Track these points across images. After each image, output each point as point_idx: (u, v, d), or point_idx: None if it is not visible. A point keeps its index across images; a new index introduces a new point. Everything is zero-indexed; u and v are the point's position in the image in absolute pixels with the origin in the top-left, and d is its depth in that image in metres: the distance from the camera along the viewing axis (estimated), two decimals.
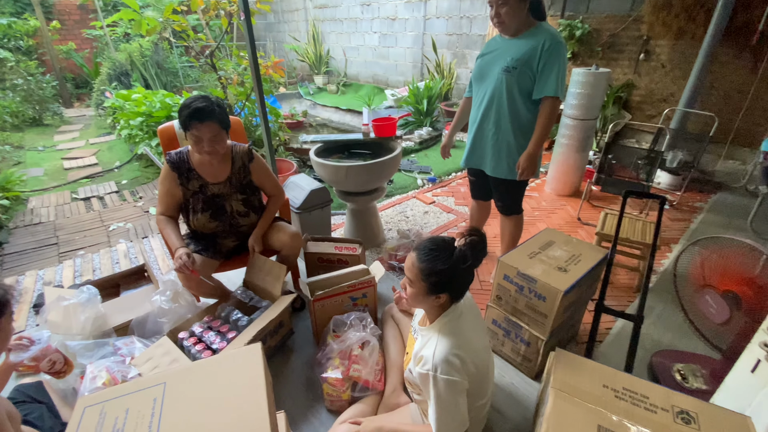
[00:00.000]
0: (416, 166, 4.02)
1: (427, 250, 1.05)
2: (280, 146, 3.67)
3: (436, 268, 1.02)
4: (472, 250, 1.03)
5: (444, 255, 1.02)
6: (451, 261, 1.01)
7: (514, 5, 1.65)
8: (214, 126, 1.51)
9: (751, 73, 3.31)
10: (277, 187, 1.82)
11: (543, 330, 1.56)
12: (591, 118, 3.00)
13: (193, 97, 1.53)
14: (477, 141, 1.98)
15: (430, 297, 1.06)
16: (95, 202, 3.55)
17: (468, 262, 1.01)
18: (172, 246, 1.61)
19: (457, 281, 1.04)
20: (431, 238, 1.09)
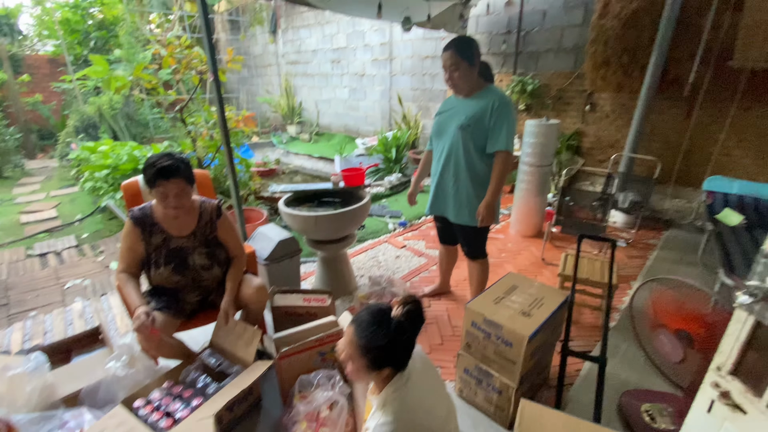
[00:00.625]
0: (387, 210, 4.10)
1: (364, 325, 1.02)
2: (251, 195, 3.68)
3: (374, 344, 0.99)
4: (410, 320, 1.01)
5: (382, 329, 1.00)
6: (390, 335, 0.99)
7: (465, 70, 1.82)
8: (180, 182, 1.55)
9: (685, 120, 3.68)
10: (241, 248, 1.83)
11: (513, 377, 1.56)
12: (546, 165, 3.21)
13: (158, 156, 1.56)
14: (439, 190, 2.09)
15: (372, 372, 1.04)
16: (51, 258, 3.38)
17: (406, 334, 1.00)
18: (132, 304, 1.55)
19: (397, 354, 1.03)
20: (369, 309, 1.06)
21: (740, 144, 3.48)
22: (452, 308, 2.48)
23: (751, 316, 0.91)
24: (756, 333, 0.93)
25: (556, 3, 4.15)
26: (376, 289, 2.46)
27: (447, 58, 1.83)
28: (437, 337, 2.24)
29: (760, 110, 3.31)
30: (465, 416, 1.71)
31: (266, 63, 8.88)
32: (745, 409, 0.95)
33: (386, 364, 1.03)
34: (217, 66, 2.04)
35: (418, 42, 5.60)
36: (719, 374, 1.02)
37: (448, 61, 1.83)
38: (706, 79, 3.34)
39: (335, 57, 7.08)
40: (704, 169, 3.66)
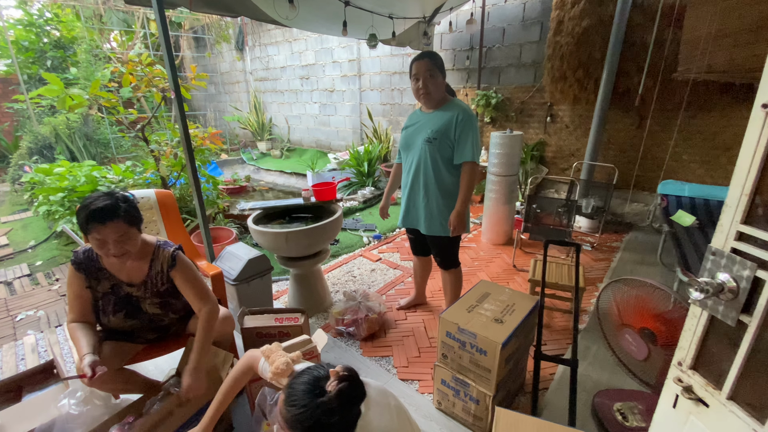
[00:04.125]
0: (361, 224, 4.09)
1: (290, 397, 0.90)
2: (219, 214, 3.58)
3: (299, 423, 0.87)
4: (341, 399, 0.88)
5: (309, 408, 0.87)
6: (316, 415, 0.86)
7: (439, 79, 1.87)
8: (120, 225, 1.32)
9: (638, 129, 3.92)
10: (204, 298, 1.51)
11: (489, 385, 1.57)
12: (512, 174, 3.31)
13: (93, 196, 1.34)
14: (410, 203, 2.11)
15: None
16: (1, 289, 3.14)
17: (335, 417, 0.87)
18: (79, 354, 1.37)
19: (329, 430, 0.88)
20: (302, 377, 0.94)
21: (688, 150, 3.73)
22: (428, 319, 2.48)
23: (705, 311, 0.96)
24: (711, 327, 0.98)
25: (515, 21, 4.36)
26: (352, 305, 2.43)
27: (422, 66, 1.85)
28: (414, 349, 2.23)
29: (704, 118, 3.57)
30: (444, 428, 1.69)
31: (234, 80, 8.79)
32: (707, 402, 0.98)
33: None
34: (180, 83, 2.00)
35: (385, 58, 5.72)
36: (681, 369, 1.06)
37: (424, 69, 1.85)
38: (655, 90, 3.58)
39: (304, 73, 7.11)
40: (658, 174, 3.89)
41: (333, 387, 0.89)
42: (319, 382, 0.91)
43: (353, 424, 0.92)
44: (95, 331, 1.51)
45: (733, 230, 0.88)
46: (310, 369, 0.95)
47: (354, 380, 0.91)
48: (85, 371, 1.29)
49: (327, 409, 0.86)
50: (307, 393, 0.89)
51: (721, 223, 0.91)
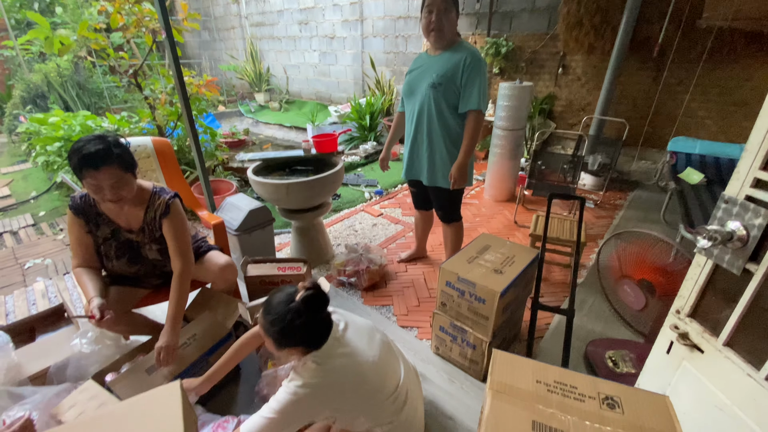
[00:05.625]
0: (363, 179, 4.05)
1: (267, 308, 1.07)
2: (218, 166, 3.52)
3: (273, 326, 1.04)
4: (307, 304, 1.04)
5: (282, 313, 1.04)
6: (287, 318, 1.03)
7: (453, 15, 1.74)
8: (114, 171, 1.28)
9: (654, 83, 3.74)
10: (183, 255, 1.48)
11: (486, 332, 1.61)
12: (519, 128, 3.21)
13: (86, 139, 1.28)
14: (413, 153, 2.05)
15: (282, 351, 1.08)
16: (8, 238, 3.17)
17: (302, 318, 1.03)
18: (86, 297, 1.40)
19: (300, 335, 1.05)
20: (276, 292, 1.10)
21: (704, 105, 3.58)
22: (428, 272, 2.52)
23: (710, 260, 0.95)
24: (714, 276, 0.97)
25: None
26: (353, 257, 2.45)
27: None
28: (414, 299, 2.28)
29: (724, 70, 3.39)
30: (442, 372, 1.76)
31: (229, 26, 8.32)
32: (702, 348, 1.00)
33: (288, 344, 1.06)
34: (171, 25, 1.87)
35: (389, 1, 5.36)
36: (678, 317, 1.07)
37: (439, 2, 1.70)
38: (675, 39, 3.37)
39: (303, 18, 6.71)
40: (669, 130, 3.76)
41: (300, 295, 1.05)
42: (290, 295, 1.07)
43: (323, 332, 1.09)
44: (101, 276, 1.53)
45: (750, 177, 0.84)
46: (283, 287, 1.12)
47: (317, 289, 1.07)
48: (94, 313, 1.31)
49: (295, 312, 1.03)
50: (280, 302, 1.05)
51: (738, 170, 0.88)
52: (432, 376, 1.74)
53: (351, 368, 1.10)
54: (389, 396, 1.17)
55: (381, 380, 1.16)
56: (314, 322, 1.07)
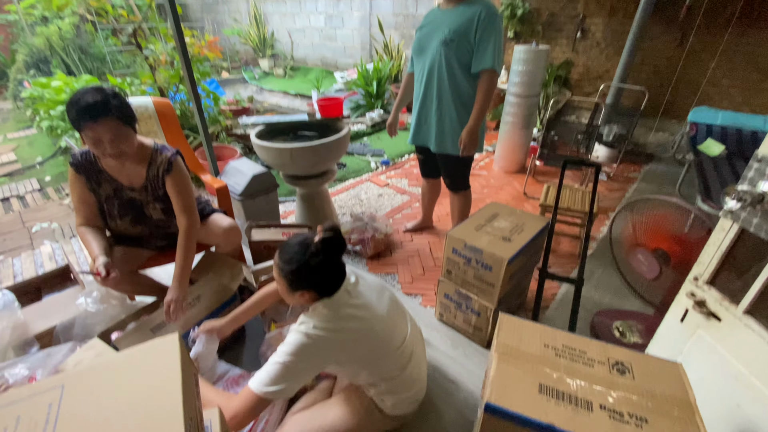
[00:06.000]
0: (369, 149, 3.96)
1: (284, 249, 1.07)
2: (222, 132, 3.46)
3: (289, 265, 1.03)
4: (325, 245, 1.03)
5: (298, 253, 1.03)
6: (303, 259, 1.02)
7: None
8: (113, 123, 1.24)
9: (678, 48, 3.54)
10: (187, 211, 1.46)
11: (491, 299, 1.59)
12: (533, 95, 3.08)
13: (83, 90, 1.23)
14: (421, 117, 1.96)
15: (294, 294, 1.07)
16: (15, 203, 3.19)
17: (319, 258, 1.02)
18: (91, 256, 1.40)
19: (315, 277, 1.04)
20: (295, 237, 1.09)
21: (729, 73, 3.39)
22: (434, 242, 2.48)
23: (736, 224, 0.89)
24: (738, 242, 0.92)
25: None
26: (359, 225, 2.42)
27: None
28: (419, 268, 2.25)
29: (753, 35, 3.18)
30: (445, 338, 1.76)
31: None
32: (719, 316, 0.96)
33: (302, 286, 1.05)
34: None
35: None
36: (696, 284, 1.03)
37: None
38: (704, 0, 3.15)
39: None
40: (691, 100, 3.59)
41: (319, 236, 1.03)
42: (308, 237, 1.06)
43: (336, 278, 1.08)
44: (105, 235, 1.51)
45: None
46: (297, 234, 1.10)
47: (336, 231, 1.05)
48: (99, 270, 1.31)
49: (312, 252, 1.02)
50: (298, 243, 1.05)
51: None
52: (436, 342, 1.73)
53: (361, 318, 1.10)
54: (395, 350, 1.17)
55: (389, 334, 1.16)
56: (330, 266, 1.05)
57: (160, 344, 0.72)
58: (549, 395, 0.87)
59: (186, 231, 1.45)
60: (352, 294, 1.12)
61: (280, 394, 1.00)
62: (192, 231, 1.46)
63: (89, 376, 0.66)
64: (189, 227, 1.45)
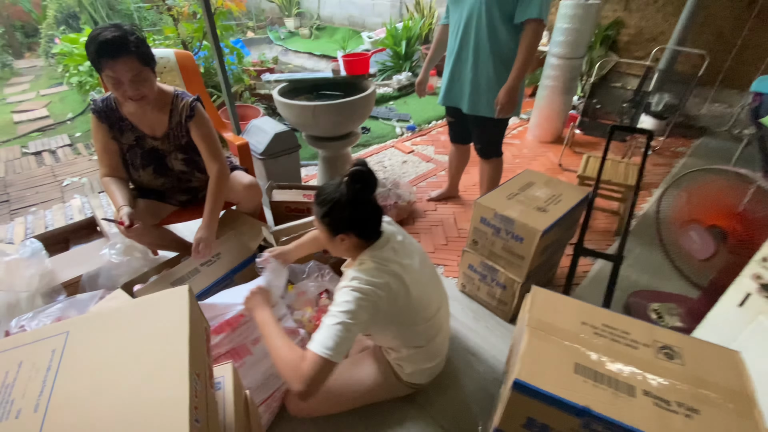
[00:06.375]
0: (395, 114, 3.81)
1: (318, 192, 1.05)
2: (245, 92, 3.38)
3: (323, 206, 1.02)
4: (354, 178, 1.01)
5: (331, 192, 1.02)
6: (336, 196, 1.00)
7: None
8: (133, 62, 1.21)
9: (747, 8, 3.14)
10: (215, 156, 1.44)
11: (519, 272, 1.50)
12: (578, 57, 2.82)
13: (101, 27, 1.19)
14: (454, 75, 1.81)
15: (335, 240, 1.05)
16: (47, 157, 3.27)
17: (350, 193, 1.00)
18: (115, 206, 1.40)
19: (350, 219, 1.02)
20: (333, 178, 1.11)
21: None
22: (459, 212, 2.38)
23: None
24: None
25: None
26: (381, 191, 2.33)
27: None
28: (442, 238, 2.17)
29: None
30: (467, 310, 1.69)
31: None
32: None
33: (342, 228, 1.03)
34: None
35: None
36: (764, 265, 0.90)
37: None
38: None
39: None
40: (756, 67, 3.22)
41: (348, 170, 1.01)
42: (339, 179, 1.03)
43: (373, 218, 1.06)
44: (128, 187, 1.51)
45: None
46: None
47: (365, 165, 1.02)
48: (123, 220, 1.31)
49: (344, 188, 1.00)
50: (330, 184, 1.04)
51: None
52: (457, 313, 1.67)
53: (405, 278, 1.06)
54: (427, 320, 1.13)
55: (425, 302, 1.12)
56: (363, 202, 1.02)
57: (169, 295, 0.68)
58: (586, 376, 0.79)
59: (217, 176, 1.43)
60: (398, 252, 1.08)
61: (345, 354, 0.97)
62: (223, 176, 1.45)
63: (95, 323, 0.63)
64: (220, 172, 1.44)
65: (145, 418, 0.50)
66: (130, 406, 0.51)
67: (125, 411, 0.51)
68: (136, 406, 0.51)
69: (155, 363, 0.56)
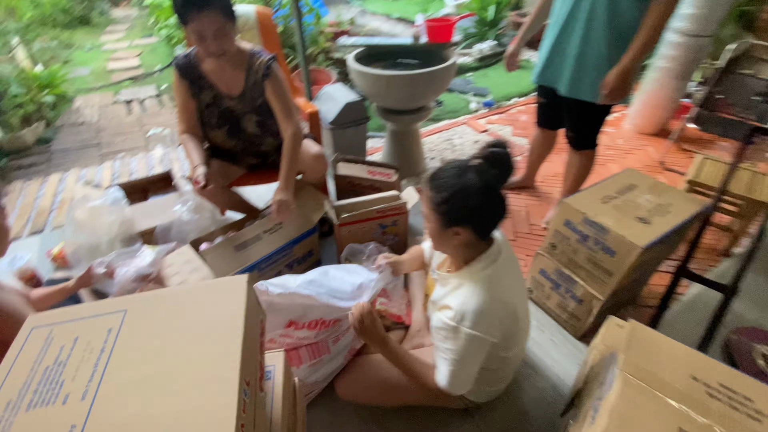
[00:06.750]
0: (472, 87, 3.52)
1: (436, 174, 0.88)
2: (320, 54, 3.30)
3: (442, 193, 0.84)
4: (491, 165, 0.83)
5: (454, 176, 0.84)
6: (460, 182, 0.82)
7: None
8: (217, 17, 1.22)
9: None
10: (290, 117, 1.43)
11: (602, 289, 1.31)
12: (705, 35, 2.35)
13: None
14: (556, 49, 1.56)
15: (447, 232, 0.87)
16: (135, 106, 3.50)
17: (483, 183, 0.82)
18: (191, 164, 1.46)
19: (474, 209, 0.84)
20: (448, 161, 0.89)
21: None
22: (533, 205, 2.16)
23: None
24: None
25: None
26: None
27: None
28: (510, 233, 1.99)
29: None
30: (531, 318, 1.54)
31: None
32: None
33: (461, 222, 0.85)
34: None
35: None
36: None
37: None
38: None
39: None
40: None
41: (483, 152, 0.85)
42: (465, 160, 0.87)
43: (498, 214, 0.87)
44: (204, 147, 1.56)
45: None
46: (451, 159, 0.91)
47: (505, 147, 0.84)
48: (198, 179, 1.35)
49: (474, 174, 0.82)
50: (454, 167, 0.86)
51: None
52: None
53: (518, 310, 0.94)
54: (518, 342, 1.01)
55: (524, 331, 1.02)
56: (494, 193, 0.84)
57: (228, 283, 0.64)
58: None
59: (292, 136, 1.42)
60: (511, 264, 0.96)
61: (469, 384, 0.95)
62: (298, 136, 1.44)
63: (153, 305, 0.61)
64: (295, 132, 1.42)
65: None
66: (173, 414, 0.47)
67: (167, 420, 0.46)
68: (180, 417, 0.47)
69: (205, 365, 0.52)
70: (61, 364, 0.52)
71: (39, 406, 0.47)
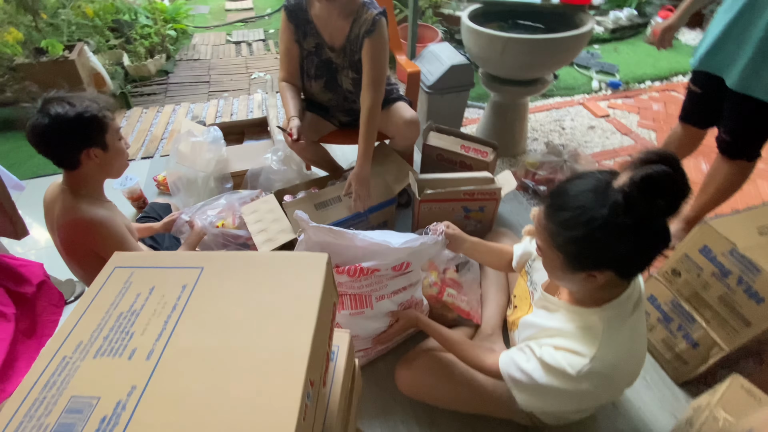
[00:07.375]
0: (597, 62, 3.03)
1: (559, 199, 0.65)
2: (429, 9, 3.06)
3: (574, 232, 0.62)
4: (644, 193, 0.56)
5: (590, 207, 0.60)
6: (604, 215, 0.59)
7: None
8: None
9: None
10: (377, 84, 1.34)
11: (731, 339, 1.06)
12: None
13: None
14: (733, 31, 1.20)
15: (577, 276, 0.67)
16: (244, 48, 3.64)
17: (634, 218, 0.58)
18: (287, 114, 1.46)
19: (617, 251, 0.62)
20: (578, 174, 0.67)
21: None
22: None
23: None
24: None
25: None
26: (553, 161, 1.91)
27: None
28: None
29: None
30: None
31: None
32: None
33: (596, 264, 0.64)
34: None
35: None
36: None
37: None
38: None
39: None
40: None
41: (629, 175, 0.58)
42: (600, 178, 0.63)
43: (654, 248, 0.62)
44: (300, 97, 1.55)
45: None
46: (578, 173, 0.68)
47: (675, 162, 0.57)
48: (292, 131, 1.34)
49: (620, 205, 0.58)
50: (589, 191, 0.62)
51: None
52: None
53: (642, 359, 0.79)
54: None
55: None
56: (648, 229, 0.60)
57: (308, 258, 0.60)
58: None
59: (370, 107, 1.36)
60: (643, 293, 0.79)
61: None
62: (376, 108, 1.38)
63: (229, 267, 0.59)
64: (374, 103, 1.36)
65: None
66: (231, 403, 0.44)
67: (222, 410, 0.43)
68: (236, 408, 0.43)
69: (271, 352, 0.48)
70: (134, 314, 0.51)
71: (107, 354, 0.47)
